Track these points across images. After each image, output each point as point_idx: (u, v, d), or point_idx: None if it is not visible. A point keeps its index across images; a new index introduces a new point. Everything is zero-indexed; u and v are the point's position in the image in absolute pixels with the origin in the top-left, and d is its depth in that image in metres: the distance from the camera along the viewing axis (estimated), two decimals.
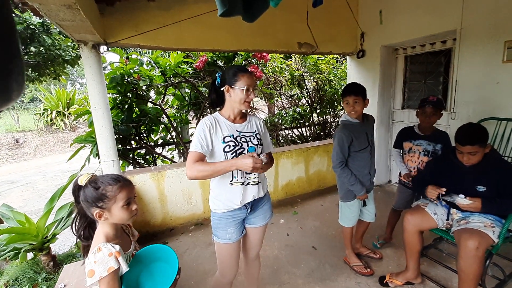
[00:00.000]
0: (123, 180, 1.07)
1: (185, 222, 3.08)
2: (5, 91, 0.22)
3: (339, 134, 1.96)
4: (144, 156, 3.85)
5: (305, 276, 2.16)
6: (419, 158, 2.20)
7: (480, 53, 2.54)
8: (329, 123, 5.51)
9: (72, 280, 1.49)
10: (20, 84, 0.22)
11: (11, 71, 0.22)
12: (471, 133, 1.64)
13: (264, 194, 1.55)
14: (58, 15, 1.64)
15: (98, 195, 1.00)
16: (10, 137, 10.91)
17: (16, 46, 0.22)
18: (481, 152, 1.63)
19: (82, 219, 1.08)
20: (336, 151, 1.97)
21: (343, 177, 1.99)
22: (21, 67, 0.22)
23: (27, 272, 2.33)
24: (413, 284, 1.98)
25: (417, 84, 3.58)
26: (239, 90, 1.34)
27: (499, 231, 1.62)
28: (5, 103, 0.22)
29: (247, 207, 1.48)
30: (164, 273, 1.08)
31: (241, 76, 1.35)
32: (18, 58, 0.22)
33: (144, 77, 3.43)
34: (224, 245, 1.48)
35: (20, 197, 5.51)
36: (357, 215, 2.14)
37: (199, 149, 1.31)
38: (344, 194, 2.12)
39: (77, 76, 18.92)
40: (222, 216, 1.45)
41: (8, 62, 0.22)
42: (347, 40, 3.80)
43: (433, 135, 2.17)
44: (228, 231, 1.45)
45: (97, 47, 2.44)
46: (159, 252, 1.12)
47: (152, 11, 2.58)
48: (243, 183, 1.41)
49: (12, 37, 0.22)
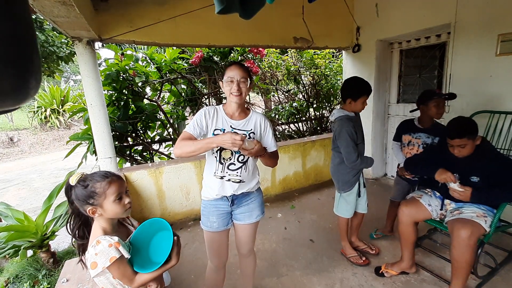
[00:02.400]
0: (112, 176, 1.08)
1: (183, 217, 3.10)
2: (25, 88, 0.23)
3: (348, 128, 1.91)
4: (141, 153, 3.85)
5: (302, 268, 2.20)
6: (418, 151, 2.23)
7: (474, 46, 2.57)
8: (325, 117, 5.53)
9: (74, 275, 1.51)
10: (38, 81, 0.24)
11: (31, 69, 0.23)
12: (459, 126, 1.68)
13: (248, 190, 1.52)
14: (53, 12, 1.62)
15: (87, 192, 1.02)
16: (5, 136, 10.78)
17: (36, 46, 0.23)
18: (470, 145, 1.67)
19: (76, 219, 1.10)
20: (352, 146, 1.91)
21: (363, 164, 1.96)
22: (39, 65, 0.24)
23: (27, 269, 2.34)
24: (408, 274, 2.03)
25: (412, 78, 3.61)
26: (225, 82, 1.39)
27: (491, 220, 1.67)
28: (24, 100, 0.24)
29: (228, 200, 1.50)
30: (165, 238, 1.13)
31: (227, 69, 1.40)
32: (37, 57, 0.24)
33: (139, 74, 3.41)
34: (207, 233, 1.54)
35: (16, 195, 5.47)
36: (353, 206, 2.16)
37: (191, 131, 1.38)
38: (342, 185, 2.13)
39: (71, 73, 18.67)
40: (207, 203, 1.52)
41: (29, 62, 0.23)
42: (342, 34, 3.80)
43: (433, 128, 2.20)
44: (210, 219, 1.51)
45: (92, 44, 2.42)
46: (153, 225, 1.16)
47: (147, 7, 2.56)
48: (222, 177, 1.44)
49: (32, 38, 0.23)
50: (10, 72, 0.22)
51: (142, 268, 1.06)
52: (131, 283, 1.04)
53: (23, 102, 0.24)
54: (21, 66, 0.23)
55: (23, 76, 0.23)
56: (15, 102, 0.23)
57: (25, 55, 0.23)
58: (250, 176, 1.50)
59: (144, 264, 1.08)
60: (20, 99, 0.23)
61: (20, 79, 0.23)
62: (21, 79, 0.23)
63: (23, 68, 0.23)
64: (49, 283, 2.21)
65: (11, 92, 0.22)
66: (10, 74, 0.22)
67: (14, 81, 0.22)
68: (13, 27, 0.22)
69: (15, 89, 0.22)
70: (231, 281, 2.05)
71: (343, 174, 2.09)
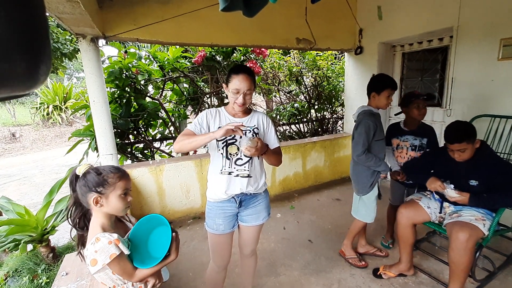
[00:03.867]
0: (123, 171, 1.11)
1: (183, 215, 3.11)
2: (36, 74, 0.24)
3: (367, 122, 1.91)
4: (142, 151, 3.87)
5: (301, 268, 2.21)
6: (407, 153, 2.23)
7: (476, 50, 2.58)
8: (326, 119, 5.54)
9: (73, 269, 1.52)
10: (48, 68, 0.25)
11: (42, 56, 0.24)
12: (457, 131, 1.69)
13: (256, 191, 1.50)
14: (58, 8, 1.64)
15: (99, 180, 1.03)
16: (7, 131, 10.82)
17: (48, 35, 0.25)
18: (470, 148, 1.67)
19: (78, 209, 1.11)
20: (362, 138, 1.90)
21: (369, 161, 1.94)
22: (50, 53, 0.25)
23: (26, 264, 2.36)
24: (405, 276, 2.04)
25: (414, 81, 3.61)
26: (231, 91, 1.37)
27: (490, 224, 1.67)
28: (34, 85, 0.25)
29: (236, 201, 1.48)
30: (164, 234, 1.13)
31: (233, 76, 1.36)
32: (49, 45, 0.25)
33: (142, 72, 3.43)
34: (212, 235, 1.52)
35: (17, 190, 5.50)
36: (374, 210, 2.09)
37: (192, 128, 1.40)
38: (360, 188, 2.07)
39: (73, 70, 18.74)
40: (213, 205, 1.50)
41: (41, 49, 0.24)
42: (345, 36, 3.82)
43: (420, 130, 2.20)
44: (216, 221, 1.49)
45: (96, 41, 2.44)
46: (150, 221, 1.16)
47: (151, 5, 2.58)
48: (230, 173, 1.43)
49: (45, 26, 0.24)
50: (23, 57, 0.23)
51: (141, 263, 1.07)
52: (131, 278, 1.05)
53: (33, 88, 0.25)
54: (33, 52, 0.24)
55: (34, 61, 0.24)
56: (25, 87, 0.24)
57: (37, 42, 0.24)
58: (257, 171, 1.49)
59: (143, 259, 1.09)
60: (31, 84, 0.24)
61: (32, 64, 0.24)
62: (33, 64, 0.24)
63: (35, 54, 0.24)
64: (48, 278, 2.22)
65: (22, 76, 0.23)
66: (23, 59, 0.23)
67: (26, 66, 0.23)
68: (28, 15, 0.23)
69: (27, 73, 0.24)
70: (229, 279, 2.05)
71: (361, 175, 2.05)
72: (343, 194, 3.62)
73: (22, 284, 2.19)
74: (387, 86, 1.92)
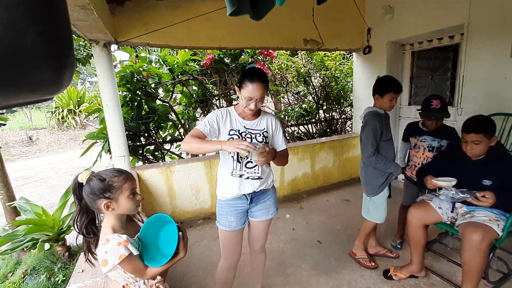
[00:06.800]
0: (126, 172, 1.13)
1: (193, 216, 3.16)
2: (60, 80, 0.27)
3: (373, 122, 1.92)
4: (153, 152, 3.95)
5: (310, 268, 2.21)
6: (423, 153, 2.21)
7: (488, 48, 2.52)
8: (335, 120, 5.51)
9: (89, 267, 1.57)
10: (71, 74, 0.28)
11: (67, 64, 0.28)
12: (478, 121, 1.66)
13: (266, 187, 1.56)
14: (73, 15, 1.71)
15: (105, 186, 1.04)
16: (24, 135, 11.22)
17: (72, 44, 0.28)
18: (485, 143, 1.64)
19: (84, 216, 1.11)
20: (370, 139, 1.91)
21: (379, 163, 1.94)
22: (73, 61, 0.28)
23: (44, 262, 2.45)
24: (417, 278, 2.01)
25: (424, 80, 3.55)
26: (243, 96, 1.40)
27: (504, 224, 1.64)
28: (59, 90, 0.28)
29: (247, 198, 1.52)
30: (172, 232, 1.14)
31: (247, 83, 1.37)
32: (72, 53, 0.28)
33: (153, 75, 3.51)
34: (224, 232, 1.56)
35: (34, 192, 5.70)
36: (385, 211, 2.09)
37: (202, 128, 1.41)
38: (370, 189, 2.07)
39: (87, 75, 19.24)
40: (224, 203, 1.53)
41: (66, 57, 0.27)
42: (353, 36, 3.79)
43: (439, 131, 2.16)
44: (228, 219, 1.52)
45: (108, 46, 2.52)
46: (158, 220, 1.18)
47: (161, 10, 2.64)
48: (241, 175, 1.46)
49: (69, 36, 0.27)
50: (52, 65, 0.26)
51: (152, 261, 1.10)
52: (143, 276, 1.09)
53: (58, 93, 0.28)
54: (59, 60, 0.27)
55: (60, 69, 0.27)
56: (51, 92, 0.28)
57: (63, 51, 0.27)
58: (266, 172, 1.54)
59: (154, 257, 1.12)
60: (56, 89, 0.27)
61: (58, 71, 0.27)
62: (59, 71, 0.27)
63: (60, 62, 0.27)
64: (64, 276, 2.30)
65: (50, 82, 0.26)
66: (52, 68, 0.26)
67: (54, 74, 0.27)
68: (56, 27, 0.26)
69: (53, 80, 0.27)
70: (238, 278, 2.07)
71: (371, 176, 2.05)
72: (353, 195, 3.59)
73: (39, 282, 2.28)
74: (390, 90, 1.92)
